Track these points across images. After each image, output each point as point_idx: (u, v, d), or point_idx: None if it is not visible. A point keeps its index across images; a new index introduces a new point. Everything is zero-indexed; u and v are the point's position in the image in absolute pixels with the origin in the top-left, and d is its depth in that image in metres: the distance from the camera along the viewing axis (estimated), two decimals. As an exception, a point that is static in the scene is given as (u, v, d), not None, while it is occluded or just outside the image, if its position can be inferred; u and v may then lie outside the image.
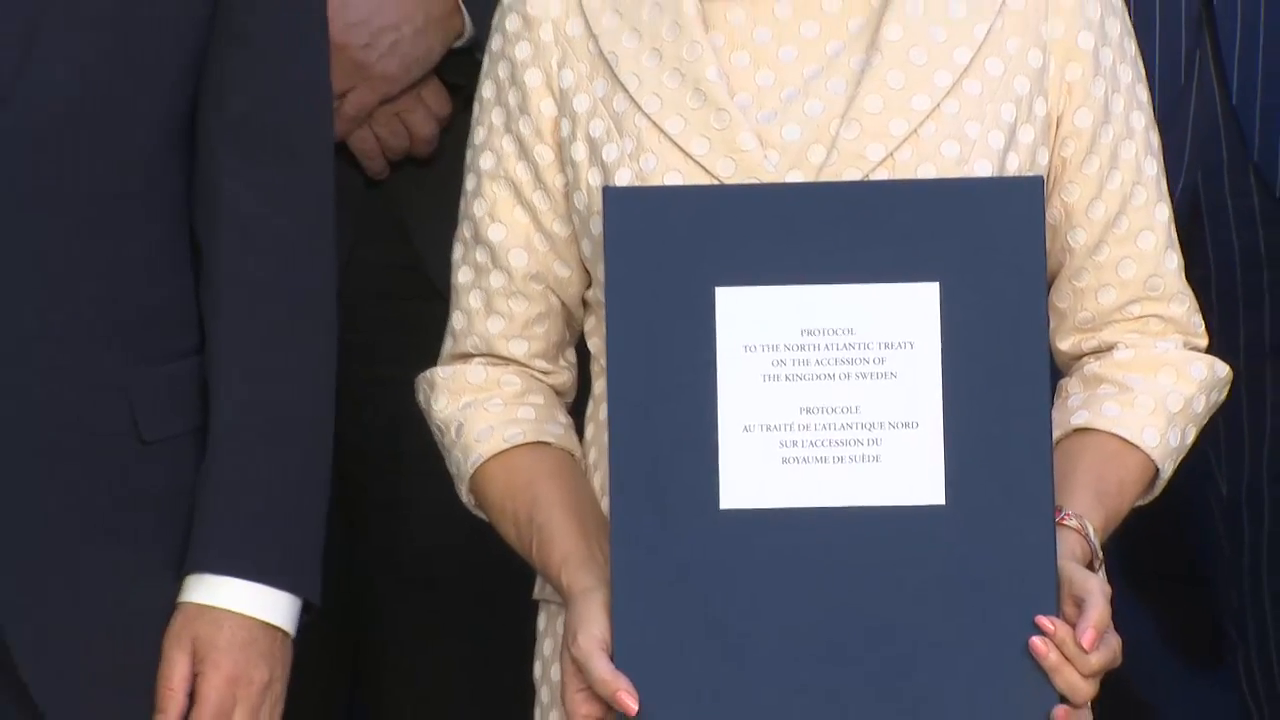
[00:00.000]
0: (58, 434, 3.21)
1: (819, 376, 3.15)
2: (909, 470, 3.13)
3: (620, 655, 3.06)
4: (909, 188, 3.20)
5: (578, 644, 3.05)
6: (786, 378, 3.15)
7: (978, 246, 3.16)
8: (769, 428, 3.13)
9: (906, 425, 3.15)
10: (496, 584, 3.87)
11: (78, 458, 3.22)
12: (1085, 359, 3.32)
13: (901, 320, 3.12)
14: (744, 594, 3.12)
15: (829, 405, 3.13)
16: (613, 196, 3.15)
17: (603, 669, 3.02)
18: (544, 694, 3.36)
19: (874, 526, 3.13)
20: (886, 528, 3.12)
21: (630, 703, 3.02)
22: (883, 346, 3.13)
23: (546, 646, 3.32)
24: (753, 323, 3.15)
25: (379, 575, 4.37)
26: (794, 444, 3.13)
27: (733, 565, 3.11)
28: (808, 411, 3.13)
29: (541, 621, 3.36)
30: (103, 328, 3.23)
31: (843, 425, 3.15)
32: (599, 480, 3.29)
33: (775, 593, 3.12)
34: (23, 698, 3.20)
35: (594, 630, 3.06)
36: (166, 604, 3.21)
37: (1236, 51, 4.36)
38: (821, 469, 3.13)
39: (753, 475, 3.12)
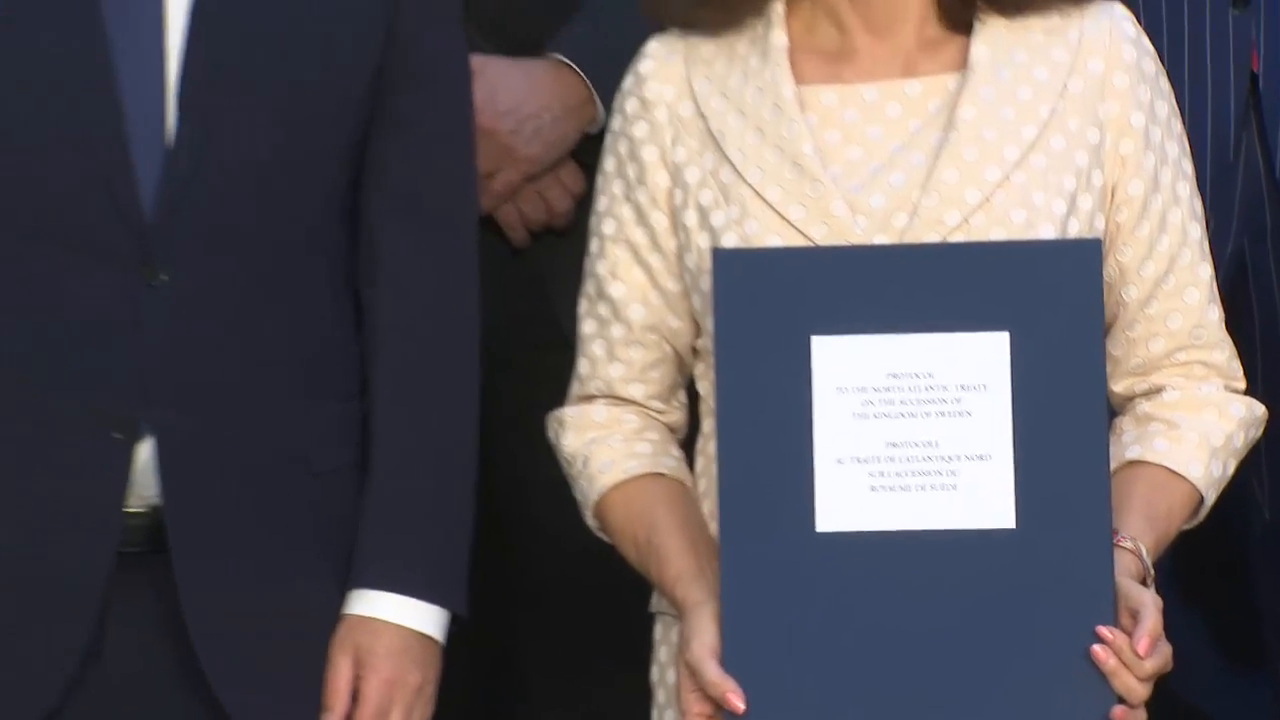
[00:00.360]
0: (248, 461, 3.53)
1: (903, 415, 3.34)
2: (982, 497, 3.31)
3: (728, 660, 3.27)
4: (982, 249, 3.39)
5: (691, 651, 3.27)
6: (874, 416, 3.33)
7: (1043, 300, 3.34)
8: (859, 460, 3.32)
9: (980, 458, 3.32)
10: (616, 597, 4.01)
11: (263, 484, 3.55)
12: (1137, 399, 3.53)
13: (975, 365, 3.32)
14: (836, 606, 3.30)
15: (912, 440, 3.33)
16: (720, 257, 3.37)
17: (713, 673, 3.23)
18: (660, 695, 3.58)
19: (951, 547, 3.31)
20: (962, 548, 3.31)
21: (738, 703, 3.24)
22: (959, 388, 3.33)
23: (662, 653, 3.54)
24: (845, 367, 3.34)
25: (516, 589, 4.62)
26: (881, 474, 3.32)
27: (827, 581, 3.31)
28: (893, 446, 3.33)
29: (658, 631, 3.57)
30: (284, 370, 3.55)
31: (924, 458, 3.34)
32: (708, 506, 3.48)
33: (863, 605, 3.31)
34: (210, 700, 3.49)
35: (705, 639, 3.27)
36: (333, 616, 3.51)
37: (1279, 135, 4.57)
38: (905, 496, 3.32)
39: (845, 502, 3.31)
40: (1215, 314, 3.57)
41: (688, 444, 3.66)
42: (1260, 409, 3.57)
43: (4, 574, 3.52)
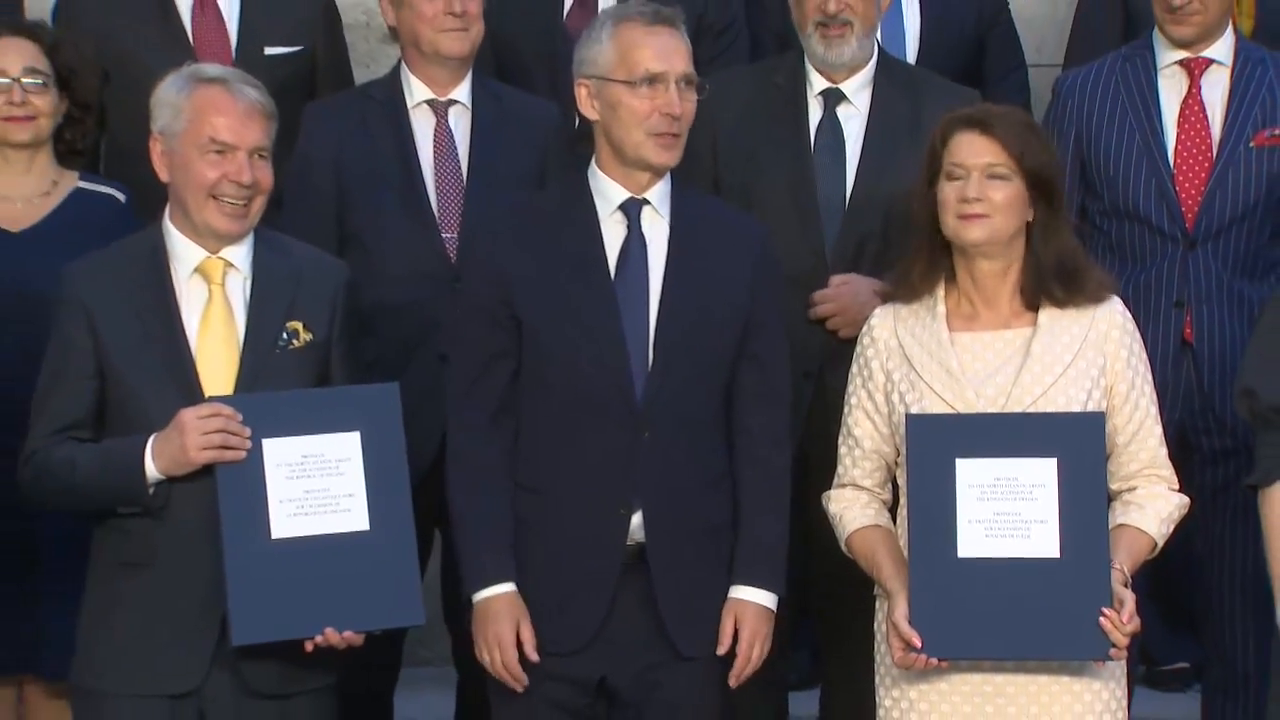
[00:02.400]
0: (688, 525, 4.67)
1: (1001, 498, 4.47)
2: (1043, 541, 4.42)
3: (914, 620, 4.44)
4: (1042, 416, 4.50)
5: (894, 615, 4.45)
6: (986, 499, 4.46)
7: (1074, 442, 4.46)
8: (979, 521, 4.48)
9: (1041, 522, 4.45)
10: (848, 588, 4.98)
11: (697, 535, 4.69)
12: (1123, 494, 4.61)
13: (1038, 474, 4.44)
14: (967, 593, 4.40)
15: (1006, 512, 4.46)
16: (911, 419, 4.54)
17: (905, 627, 4.43)
18: (881, 649, 4.65)
19: (1028, 565, 4.42)
20: (1033, 566, 4.41)
21: (917, 641, 4.43)
22: (1030, 486, 4.45)
23: (879, 617, 4.67)
24: (971, 473, 4.45)
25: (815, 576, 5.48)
26: (990, 528, 4.44)
27: (963, 581, 4.44)
28: (996, 515, 4.45)
29: (880, 612, 4.68)
30: (707, 473, 4.68)
31: (1012, 522, 4.45)
32: (903, 543, 4.59)
33: (980, 593, 4.41)
34: (670, 642, 4.64)
35: (901, 609, 4.44)
36: (723, 598, 4.71)
37: (1206, 371, 5.42)
38: (1002, 541, 4.44)
39: (972, 542, 4.45)
40: (1163, 451, 4.60)
41: (894, 510, 4.73)
42: (1185, 500, 4.63)
43: (563, 574, 4.64)
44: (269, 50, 5.93)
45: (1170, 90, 5.44)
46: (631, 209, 4.70)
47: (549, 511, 4.68)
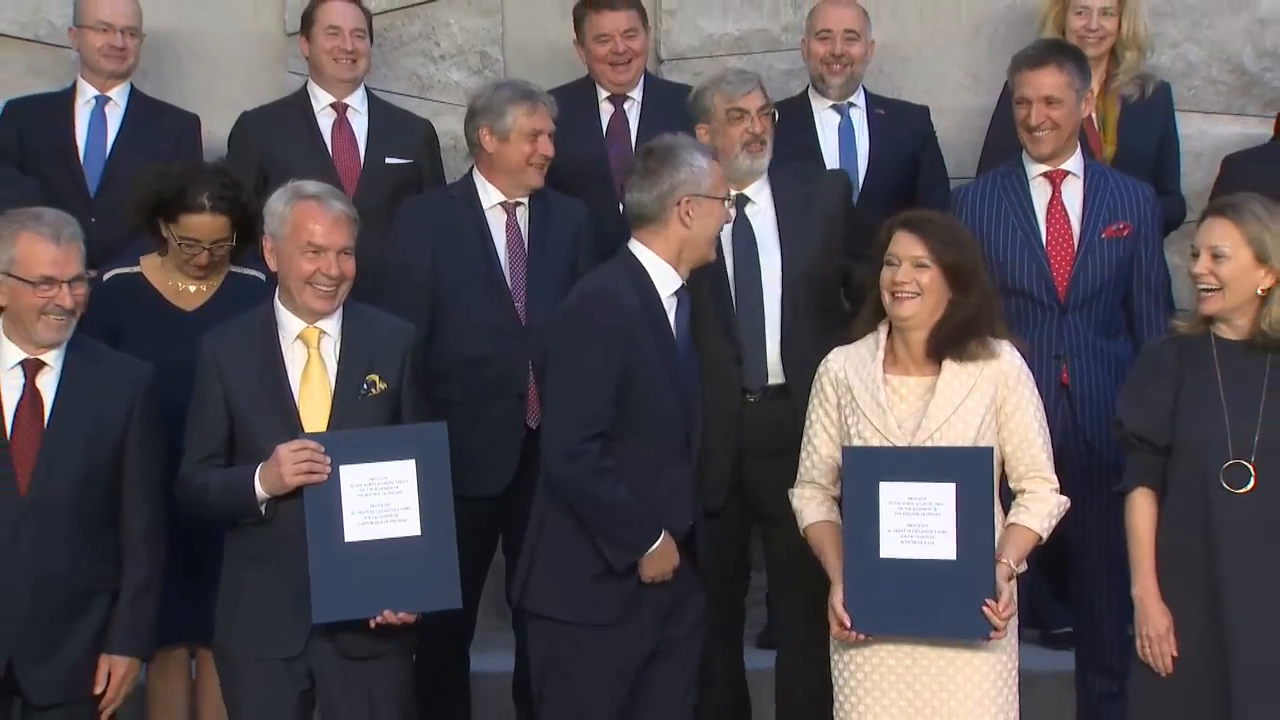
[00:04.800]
0: None
1: (913, 512, 4.40)
2: (944, 547, 4.37)
3: (848, 604, 4.40)
4: (947, 449, 4.42)
5: (832, 599, 4.43)
6: (902, 513, 4.40)
7: (969, 470, 4.38)
8: (896, 530, 4.41)
9: (944, 532, 4.39)
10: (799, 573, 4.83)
11: None
12: (1017, 495, 4.51)
13: (941, 495, 4.38)
14: (888, 583, 4.32)
15: (918, 524, 4.39)
16: (847, 450, 4.48)
17: (840, 609, 4.39)
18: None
19: (933, 563, 4.36)
20: (936, 565, 4.35)
21: (847, 621, 4.39)
22: (935, 504, 4.39)
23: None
24: (891, 493, 4.39)
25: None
26: (904, 535, 4.38)
27: (885, 577, 4.34)
28: (909, 526, 4.39)
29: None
30: None
31: (921, 532, 4.39)
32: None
33: (897, 584, 4.32)
34: None
35: (839, 594, 4.42)
36: None
37: (1079, 407, 5.25)
38: (914, 546, 4.33)
39: (890, 545, 4.38)
40: (1045, 459, 4.51)
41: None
42: (1065, 500, 4.52)
43: None
44: (389, 160, 5.92)
45: (1039, 196, 5.30)
46: None
47: None
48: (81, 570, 4.44)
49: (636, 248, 4.56)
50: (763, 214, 5.20)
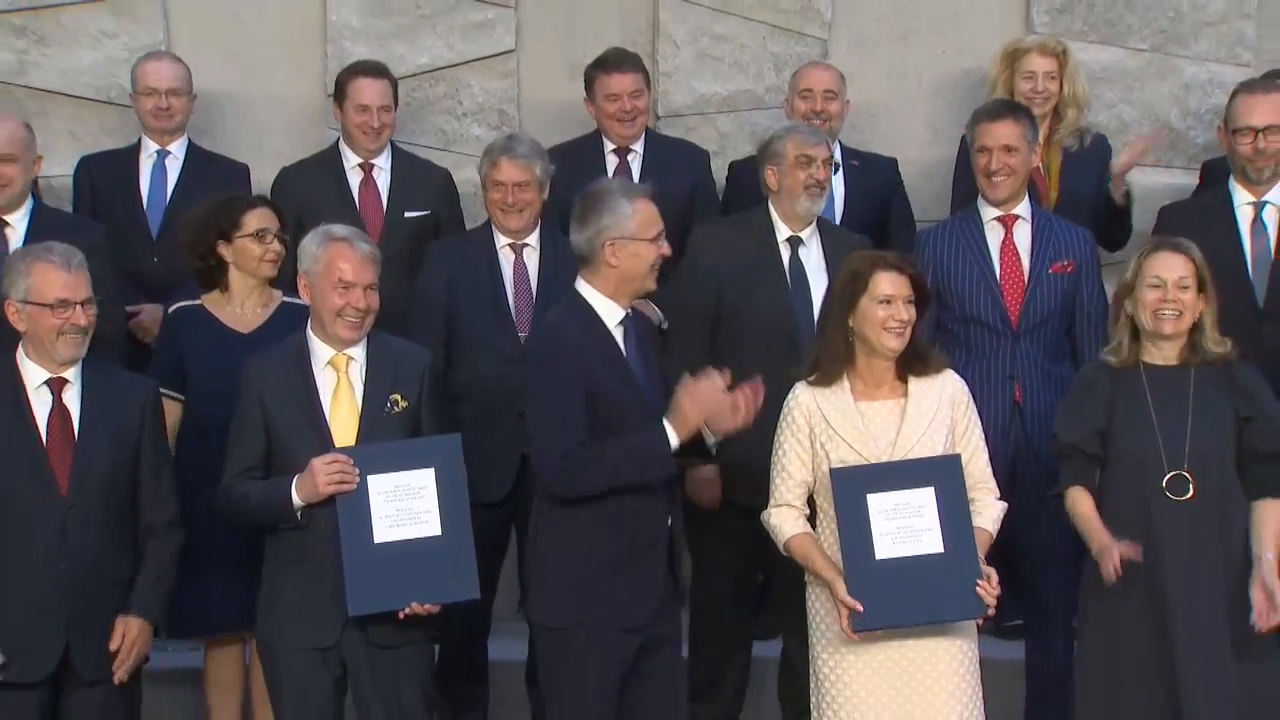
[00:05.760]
0: None
1: (900, 517, 4.33)
2: (931, 542, 4.31)
3: (851, 590, 4.26)
4: (921, 460, 4.38)
5: (839, 594, 4.26)
6: (891, 519, 4.32)
7: (942, 475, 4.33)
8: (886, 534, 4.31)
9: (929, 530, 4.32)
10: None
11: None
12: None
13: (922, 499, 4.34)
14: (885, 581, 4.22)
15: (904, 525, 4.33)
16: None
17: (850, 600, 4.25)
18: (813, 619, 4.45)
19: (923, 557, 4.27)
20: (927, 558, 4.28)
21: (860, 607, 4.24)
22: (919, 507, 4.33)
23: (812, 601, 4.44)
24: (879, 503, 4.31)
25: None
26: (895, 536, 4.29)
27: (880, 575, 4.26)
28: (899, 529, 4.32)
29: (810, 595, 4.48)
30: None
31: (909, 533, 4.33)
32: (827, 546, 4.36)
33: (894, 582, 4.21)
34: None
35: (841, 589, 4.26)
36: None
37: (1029, 422, 5.20)
38: (904, 544, 4.29)
39: (884, 548, 4.27)
40: (989, 470, 4.47)
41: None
42: (1005, 505, 4.47)
43: None
44: (407, 214, 5.86)
45: (993, 237, 5.27)
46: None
47: None
48: (113, 558, 4.42)
49: (581, 285, 4.41)
50: (813, 257, 5.20)
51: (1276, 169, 5.24)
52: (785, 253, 5.20)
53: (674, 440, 4.22)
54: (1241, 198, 5.27)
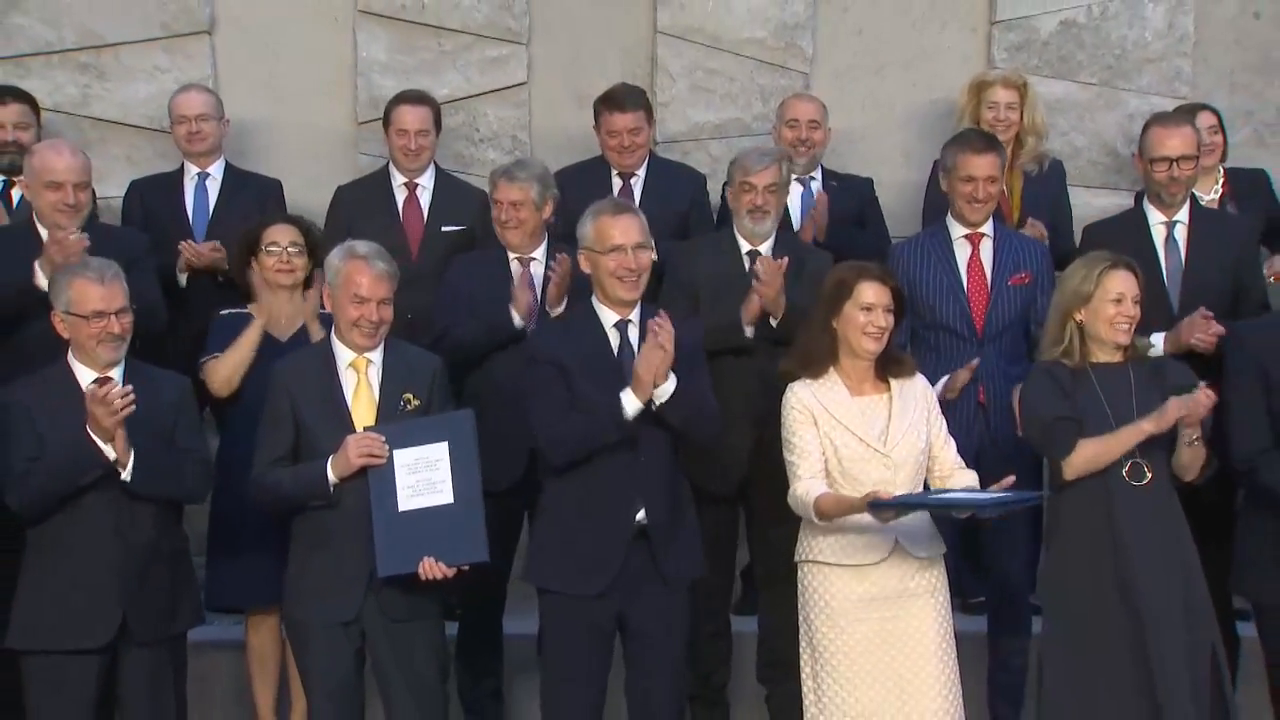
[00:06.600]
0: None
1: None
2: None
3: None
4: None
5: (863, 500, 4.16)
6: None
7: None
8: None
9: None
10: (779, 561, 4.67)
11: None
12: (946, 480, 4.43)
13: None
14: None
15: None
16: (871, 506, 4.17)
17: (871, 495, 4.13)
18: (804, 594, 4.40)
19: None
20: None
21: (883, 494, 4.13)
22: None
23: (809, 576, 4.37)
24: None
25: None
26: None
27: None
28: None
29: (804, 571, 4.41)
30: None
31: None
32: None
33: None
34: None
35: (863, 503, 4.15)
36: None
37: (992, 418, 5.10)
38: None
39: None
40: (958, 460, 4.46)
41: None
42: (975, 474, 4.42)
43: None
44: (444, 228, 5.80)
45: (961, 252, 5.17)
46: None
47: None
48: (159, 531, 4.40)
49: (594, 293, 4.47)
50: None
51: (1187, 193, 5.16)
52: (747, 264, 5.13)
53: (631, 404, 4.22)
54: (1155, 218, 5.18)
